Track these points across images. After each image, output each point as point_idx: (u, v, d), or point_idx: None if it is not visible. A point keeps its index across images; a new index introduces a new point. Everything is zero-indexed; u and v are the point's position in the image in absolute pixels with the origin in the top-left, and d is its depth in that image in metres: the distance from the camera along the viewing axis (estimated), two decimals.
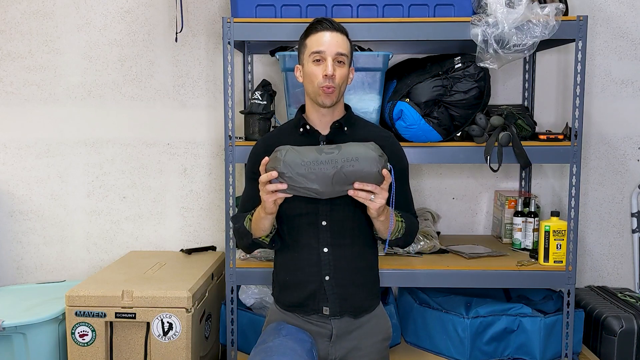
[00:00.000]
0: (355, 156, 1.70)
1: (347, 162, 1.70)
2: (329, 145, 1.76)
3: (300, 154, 1.71)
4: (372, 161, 1.70)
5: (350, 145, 1.75)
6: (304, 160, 1.70)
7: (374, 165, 1.70)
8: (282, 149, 1.73)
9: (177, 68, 2.94)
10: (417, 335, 2.61)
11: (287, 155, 1.71)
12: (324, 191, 1.72)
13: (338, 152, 1.71)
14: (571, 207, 2.37)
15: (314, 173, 1.69)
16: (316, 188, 1.71)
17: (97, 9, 2.92)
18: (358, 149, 1.72)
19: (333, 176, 1.70)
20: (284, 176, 1.70)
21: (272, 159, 1.73)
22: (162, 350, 2.33)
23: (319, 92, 1.84)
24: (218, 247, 3.01)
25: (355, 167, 1.69)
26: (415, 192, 2.93)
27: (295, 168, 1.69)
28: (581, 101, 2.34)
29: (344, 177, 1.70)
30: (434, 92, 2.34)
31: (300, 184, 1.71)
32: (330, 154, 1.71)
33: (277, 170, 1.70)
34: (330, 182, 1.71)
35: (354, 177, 1.70)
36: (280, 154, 1.72)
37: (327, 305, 1.89)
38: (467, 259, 2.51)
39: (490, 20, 2.23)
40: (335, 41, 1.84)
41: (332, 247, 1.88)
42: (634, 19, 2.89)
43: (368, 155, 1.71)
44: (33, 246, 3.04)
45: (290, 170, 1.69)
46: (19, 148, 2.99)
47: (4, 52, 2.94)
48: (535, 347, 2.44)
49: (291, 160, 1.70)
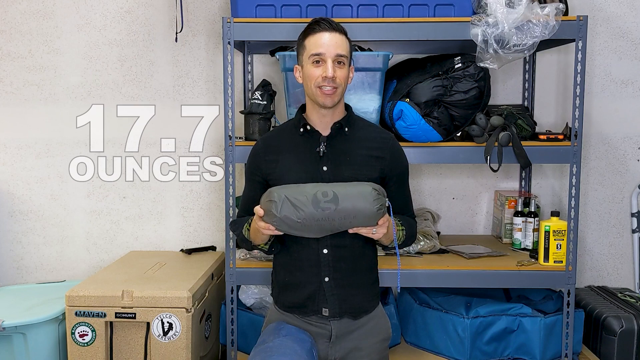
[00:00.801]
0: (353, 213, 1.72)
1: (344, 219, 1.73)
2: (325, 193, 1.72)
3: (296, 209, 1.71)
4: (371, 217, 1.73)
5: (348, 196, 1.72)
6: (299, 216, 1.71)
7: (372, 219, 1.74)
8: (277, 198, 1.72)
9: (177, 68, 2.94)
10: (417, 335, 2.61)
11: (282, 210, 1.71)
12: (320, 237, 1.84)
13: (335, 209, 1.71)
14: (571, 207, 2.37)
15: (310, 228, 1.75)
16: (312, 236, 1.81)
17: (97, 9, 2.92)
18: (356, 203, 1.71)
19: (330, 229, 1.77)
20: (279, 228, 1.76)
21: (267, 212, 1.74)
22: (162, 350, 2.33)
23: (319, 93, 1.83)
24: (218, 247, 3.01)
25: (353, 223, 1.75)
26: (415, 192, 2.94)
27: (291, 224, 1.73)
28: (581, 101, 2.34)
29: (341, 228, 1.77)
30: (434, 92, 2.34)
31: (296, 233, 1.78)
32: (326, 211, 1.71)
33: (272, 225, 1.75)
34: (326, 232, 1.79)
35: (351, 227, 1.77)
36: (274, 208, 1.72)
37: (327, 306, 1.89)
38: (467, 259, 2.51)
39: (490, 20, 2.23)
40: (335, 42, 1.82)
41: (332, 248, 1.87)
42: (634, 19, 2.89)
43: (366, 210, 1.72)
44: (33, 246, 3.04)
45: (285, 226, 1.75)
46: (19, 148, 2.99)
47: (4, 52, 2.94)
48: (535, 347, 2.44)
49: (286, 217, 1.72)
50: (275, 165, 1.91)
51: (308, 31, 1.86)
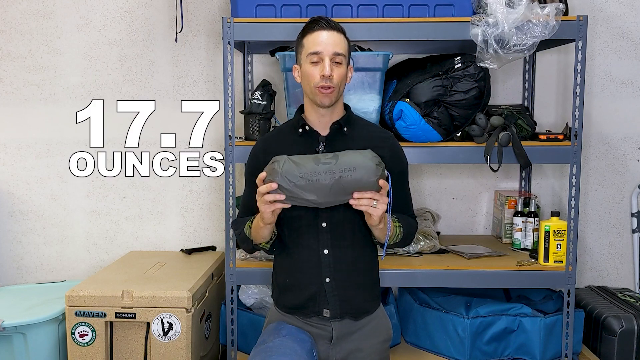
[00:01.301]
0: (353, 166, 1.71)
1: (344, 172, 1.71)
2: (326, 155, 1.75)
3: (297, 165, 1.71)
4: (370, 170, 1.71)
5: (347, 154, 1.74)
6: (301, 171, 1.70)
7: (371, 174, 1.71)
8: (279, 159, 1.73)
9: (177, 68, 2.94)
10: (417, 335, 2.61)
11: (284, 167, 1.71)
12: (322, 202, 1.75)
13: (335, 162, 1.71)
14: (571, 207, 2.37)
15: (312, 184, 1.71)
16: (314, 199, 1.73)
17: (97, 9, 2.92)
18: (355, 158, 1.72)
19: (331, 187, 1.71)
20: (282, 188, 1.71)
21: (269, 171, 1.73)
22: (162, 350, 2.33)
23: (317, 92, 1.83)
24: (218, 247, 3.01)
25: (353, 177, 1.71)
26: (415, 192, 2.94)
27: (293, 179, 1.71)
28: (581, 101, 2.34)
29: (342, 187, 1.72)
30: (434, 92, 2.34)
31: (298, 195, 1.72)
32: (327, 165, 1.71)
33: (275, 181, 1.71)
34: (328, 193, 1.72)
35: (351, 187, 1.72)
36: (277, 165, 1.72)
37: (328, 307, 1.88)
38: (467, 259, 2.51)
39: (490, 20, 2.23)
40: (332, 41, 1.82)
41: (332, 248, 1.87)
42: (634, 19, 2.88)
43: (365, 164, 1.71)
44: (33, 246, 3.04)
45: (287, 182, 1.71)
46: (19, 148, 2.99)
47: (4, 52, 2.94)
48: (535, 347, 2.44)
49: (288, 172, 1.71)
50: None
51: (306, 30, 1.86)
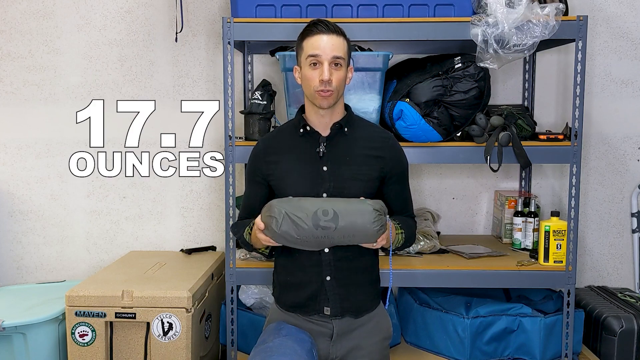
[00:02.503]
0: (352, 233, 1.73)
1: (343, 238, 1.75)
2: (325, 212, 1.72)
3: (296, 226, 1.72)
4: (370, 236, 1.75)
5: (348, 215, 1.73)
6: (299, 233, 1.73)
7: (371, 239, 1.76)
8: (277, 214, 1.73)
9: (177, 68, 2.94)
10: (417, 335, 2.61)
11: (282, 227, 1.73)
12: (319, 250, 1.86)
13: (335, 229, 1.72)
14: (571, 207, 2.37)
15: (309, 244, 1.77)
16: (311, 249, 1.83)
17: (97, 9, 2.92)
18: (355, 223, 1.72)
19: (329, 245, 1.81)
20: (278, 242, 1.79)
21: (267, 227, 1.76)
22: (162, 350, 2.33)
23: (316, 95, 1.84)
24: (218, 247, 3.01)
25: (352, 241, 1.78)
26: (415, 192, 2.94)
27: (290, 240, 1.75)
28: (581, 101, 2.34)
29: (340, 244, 1.80)
30: (434, 92, 2.34)
31: (296, 247, 1.81)
32: (326, 230, 1.72)
33: (273, 239, 1.78)
34: (325, 246, 1.84)
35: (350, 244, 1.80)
36: (275, 224, 1.73)
37: (328, 305, 1.89)
38: (467, 259, 2.51)
39: (490, 20, 2.23)
40: (331, 44, 1.82)
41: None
42: (634, 19, 2.88)
43: (366, 232, 1.73)
44: (33, 246, 3.04)
45: (284, 241, 1.77)
46: (19, 148, 2.99)
47: (4, 52, 2.94)
48: (535, 347, 2.44)
49: (286, 233, 1.74)
50: (275, 166, 1.91)
51: (306, 33, 1.87)
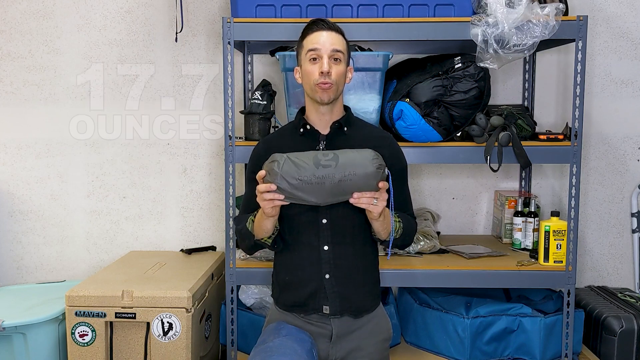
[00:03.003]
0: (353, 170, 1.72)
1: (344, 176, 1.72)
2: (325, 154, 1.74)
3: (297, 166, 1.72)
4: (370, 174, 1.73)
5: (348, 154, 1.74)
6: (300, 174, 1.72)
7: (372, 178, 1.73)
8: (279, 158, 1.74)
9: (177, 68, 2.94)
10: (417, 335, 2.61)
11: (284, 168, 1.72)
12: (321, 202, 1.77)
13: (335, 165, 1.72)
14: (571, 207, 2.37)
15: (311, 187, 1.73)
16: (313, 200, 1.76)
17: (97, 9, 2.92)
18: (355, 160, 1.73)
19: (331, 189, 1.73)
20: (281, 189, 1.73)
21: (269, 171, 1.74)
22: (162, 350, 2.33)
23: (316, 89, 1.86)
24: (218, 247, 3.01)
25: (353, 181, 1.73)
26: (415, 192, 2.94)
27: (292, 182, 1.72)
28: (581, 101, 2.34)
29: (341, 189, 1.74)
30: (434, 92, 2.34)
31: (298, 196, 1.74)
32: (327, 167, 1.71)
33: (274, 183, 1.73)
34: (327, 194, 1.75)
35: (351, 189, 1.74)
36: (276, 165, 1.72)
37: (327, 304, 1.89)
38: (467, 259, 2.51)
39: (490, 20, 2.23)
40: (331, 39, 1.86)
41: (333, 245, 1.88)
42: (634, 19, 2.89)
43: (366, 168, 1.72)
44: (33, 246, 3.04)
45: (286, 184, 1.72)
46: (19, 148, 2.99)
47: (4, 52, 2.94)
48: (535, 347, 2.44)
49: (287, 174, 1.72)
50: None
51: (306, 31, 1.91)
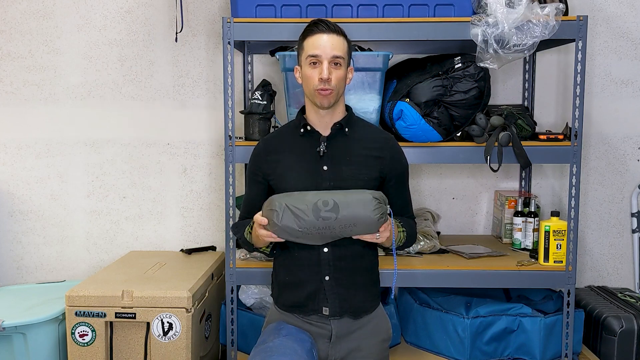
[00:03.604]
0: (354, 222, 1.74)
1: (345, 227, 1.75)
2: (325, 202, 1.74)
3: (297, 218, 1.74)
4: (372, 224, 1.75)
5: (348, 203, 1.74)
6: (300, 225, 1.74)
7: (373, 226, 1.76)
8: (278, 207, 1.75)
9: (177, 68, 2.94)
10: (417, 335, 2.61)
11: (283, 220, 1.74)
12: (320, 244, 1.85)
13: (335, 218, 1.73)
14: (571, 207, 2.37)
15: (312, 236, 1.77)
16: (312, 243, 1.83)
17: (97, 9, 2.92)
18: (356, 211, 1.73)
19: (331, 237, 1.80)
20: (280, 236, 1.79)
21: (268, 219, 1.77)
22: (162, 350, 2.33)
23: (316, 94, 1.85)
24: (218, 247, 3.01)
25: (354, 230, 1.77)
26: (415, 192, 2.94)
27: (292, 233, 1.76)
28: (581, 101, 2.34)
29: (343, 235, 1.80)
30: (434, 92, 2.34)
31: (298, 241, 1.81)
32: (327, 220, 1.73)
33: (274, 233, 1.78)
34: (328, 239, 1.82)
35: (353, 235, 1.79)
36: (276, 216, 1.74)
37: (327, 305, 1.89)
38: (467, 259, 2.51)
39: (490, 20, 2.23)
40: (331, 44, 1.84)
41: (332, 246, 1.88)
42: (634, 19, 2.88)
43: (367, 219, 1.74)
44: (33, 246, 3.04)
45: (287, 235, 1.78)
46: (19, 148, 2.99)
47: (4, 52, 2.94)
48: (535, 347, 2.44)
49: (287, 226, 1.75)
50: (276, 165, 1.92)
51: (306, 33, 1.88)
